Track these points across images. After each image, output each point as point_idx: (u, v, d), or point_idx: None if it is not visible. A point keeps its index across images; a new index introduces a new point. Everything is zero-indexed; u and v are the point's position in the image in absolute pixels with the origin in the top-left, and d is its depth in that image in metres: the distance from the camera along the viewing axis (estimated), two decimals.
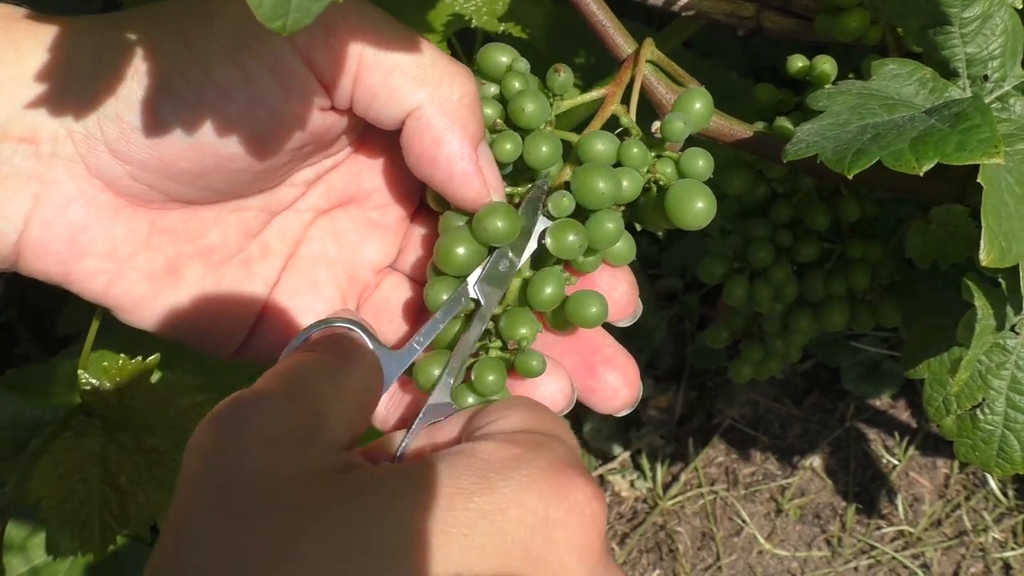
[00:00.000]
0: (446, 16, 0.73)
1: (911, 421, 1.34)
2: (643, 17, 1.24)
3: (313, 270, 0.45)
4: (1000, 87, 0.46)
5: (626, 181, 0.41)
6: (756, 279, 0.60)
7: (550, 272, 0.41)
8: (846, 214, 0.58)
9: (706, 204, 0.41)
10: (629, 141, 0.42)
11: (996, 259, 0.38)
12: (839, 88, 0.45)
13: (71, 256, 0.39)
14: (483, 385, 0.40)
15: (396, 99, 0.38)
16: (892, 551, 1.25)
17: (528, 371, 0.40)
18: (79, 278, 0.40)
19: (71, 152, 0.37)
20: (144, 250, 0.40)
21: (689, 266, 1.39)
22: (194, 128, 0.37)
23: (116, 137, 0.37)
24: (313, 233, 0.45)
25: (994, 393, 0.52)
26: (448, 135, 0.39)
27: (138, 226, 0.40)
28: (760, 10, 0.57)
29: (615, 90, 0.45)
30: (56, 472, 0.63)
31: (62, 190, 0.38)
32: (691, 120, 0.43)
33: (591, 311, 0.40)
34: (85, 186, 0.38)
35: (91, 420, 0.65)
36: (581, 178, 0.41)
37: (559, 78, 0.43)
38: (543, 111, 0.42)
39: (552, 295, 0.40)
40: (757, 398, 1.38)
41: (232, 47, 0.36)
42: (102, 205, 0.39)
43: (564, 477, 0.32)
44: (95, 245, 0.39)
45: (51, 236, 0.38)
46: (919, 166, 0.38)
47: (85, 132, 0.37)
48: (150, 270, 0.41)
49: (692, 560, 1.28)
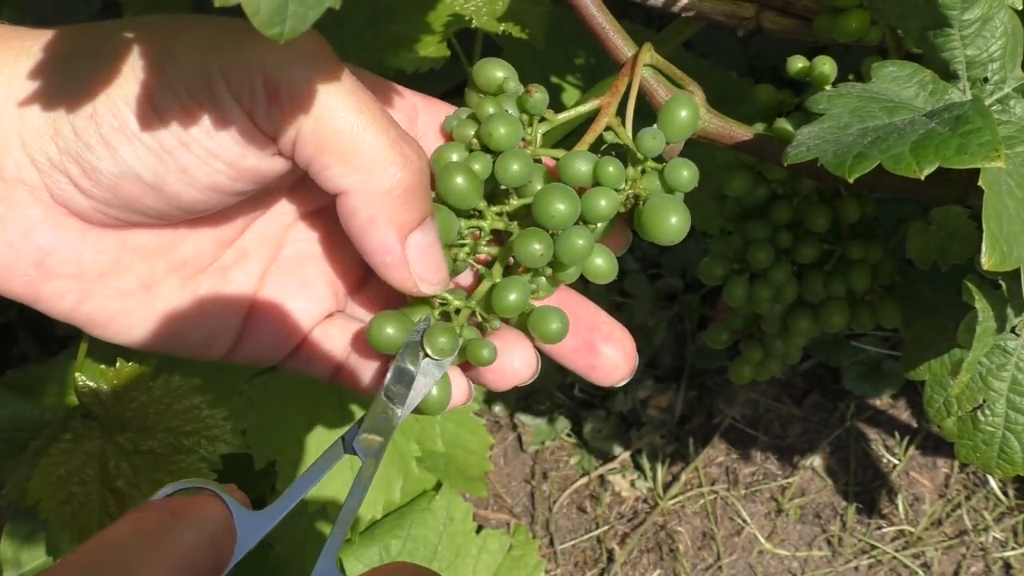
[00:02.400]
0: (446, 16, 0.73)
1: (911, 421, 1.34)
2: (643, 18, 1.24)
3: (301, 270, 0.45)
4: (1000, 89, 0.46)
5: (603, 200, 0.41)
6: (756, 280, 0.60)
7: (515, 280, 0.42)
8: (846, 215, 0.57)
9: (679, 219, 0.41)
10: (604, 160, 0.42)
11: (997, 263, 0.38)
12: (839, 90, 0.44)
13: (38, 278, 0.39)
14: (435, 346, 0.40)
15: (325, 177, 0.38)
16: (892, 551, 1.25)
17: (479, 360, 0.41)
18: (47, 298, 0.39)
19: (36, 180, 0.37)
20: (114, 270, 0.40)
21: (689, 266, 1.39)
22: (154, 174, 0.37)
23: (78, 175, 0.37)
24: (296, 235, 0.45)
25: (995, 395, 0.52)
26: (375, 226, 0.39)
27: (107, 246, 0.39)
28: (760, 11, 0.57)
29: (611, 100, 0.45)
30: (55, 474, 0.63)
31: (27, 213, 0.37)
32: (675, 129, 0.43)
33: (551, 327, 0.41)
34: (50, 211, 0.38)
35: (89, 422, 0.65)
36: (539, 200, 0.41)
37: (531, 99, 0.43)
38: (513, 134, 0.42)
39: (515, 302, 0.41)
40: (757, 398, 1.38)
41: (188, 98, 0.36)
42: (69, 228, 0.38)
43: None
44: (63, 267, 0.39)
45: (17, 258, 0.38)
46: (920, 170, 0.38)
47: (49, 163, 0.37)
48: (122, 288, 0.40)
49: (692, 560, 1.28)
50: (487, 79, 0.45)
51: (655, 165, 0.43)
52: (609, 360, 0.44)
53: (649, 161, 0.43)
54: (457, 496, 0.91)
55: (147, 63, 0.36)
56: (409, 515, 0.89)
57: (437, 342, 0.40)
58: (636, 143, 0.43)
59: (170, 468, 0.62)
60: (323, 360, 0.44)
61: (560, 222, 0.40)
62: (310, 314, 0.44)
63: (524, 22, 0.67)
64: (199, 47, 0.36)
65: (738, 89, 0.86)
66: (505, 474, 1.37)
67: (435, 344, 0.40)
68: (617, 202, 0.42)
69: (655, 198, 0.42)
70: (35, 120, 0.36)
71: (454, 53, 0.79)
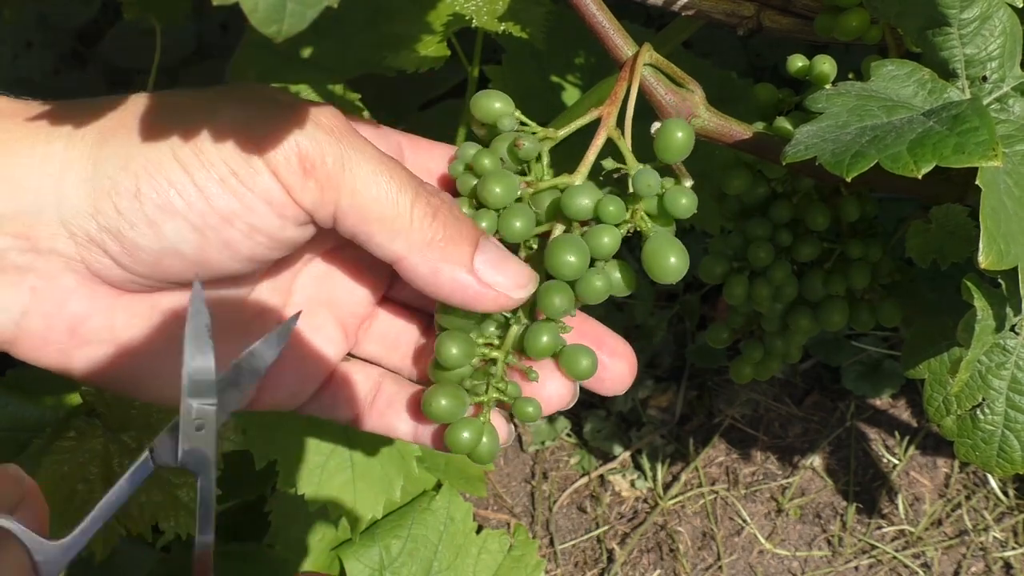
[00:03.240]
0: (446, 16, 0.73)
1: (911, 420, 1.34)
2: (643, 17, 1.25)
3: (313, 315, 0.46)
4: (999, 88, 0.46)
5: (606, 238, 0.43)
6: (756, 279, 0.60)
7: (544, 325, 0.44)
8: (846, 214, 0.58)
9: (678, 260, 0.43)
10: (604, 199, 0.43)
11: (995, 261, 0.38)
12: (838, 89, 0.45)
13: (72, 345, 0.39)
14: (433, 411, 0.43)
15: (375, 245, 0.39)
16: (893, 551, 1.25)
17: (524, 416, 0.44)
18: (80, 364, 0.40)
19: (72, 251, 0.37)
20: (145, 332, 0.41)
21: (689, 266, 1.39)
22: (197, 249, 0.38)
23: (118, 251, 0.37)
24: (302, 281, 0.46)
25: (994, 393, 0.52)
26: (441, 274, 0.40)
27: (138, 310, 0.40)
28: (760, 9, 0.57)
29: (611, 110, 0.45)
30: (58, 472, 0.63)
31: (61, 283, 0.38)
32: (672, 151, 0.44)
33: (582, 365, 0.44)
34: (84, 280, 0.38)
35: (92, 421, 0.65)
36: (551, 253, 0.42)
37: (520, 152, 0.44)
38: (509, 191, 0.43)
39: (548, 344, 0.43)
40: (757, 398, 1.38)
41: (229, 176, 0.37)
42: (102, 296, 0.39)
43: None
44: (97, 334, 0.39)
45: (51, 328, 0.38)
46: (917, 169, 0.38)
47: (87, 238, 0.37)
48: (150, 349, 0.41)
49: (693, 560, 1.28)
50: (485, 112, 0.46)
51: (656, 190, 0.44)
52: (616, 373, 0.46)
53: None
54: (457, 496, 0.91)
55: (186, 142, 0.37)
56: (409, 515, 0.89)
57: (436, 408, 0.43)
58: (634, 183, 0.43)
59: None
60: (348, 404, 0.46)
61: (573, 273, 0.42)
62: (327, 357, 0.46)
63: (524, 22, 0.67)
64: (235, 126, 0.37)
65: (738, 89, 0.86)
66: (505, 474, 1.37)
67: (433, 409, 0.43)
68: (619, 238, 0.43)
69: (654, 238, 0.43)
70: (74, 199, 0.37)
71: (454, 53, 0.79)
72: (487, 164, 0.44)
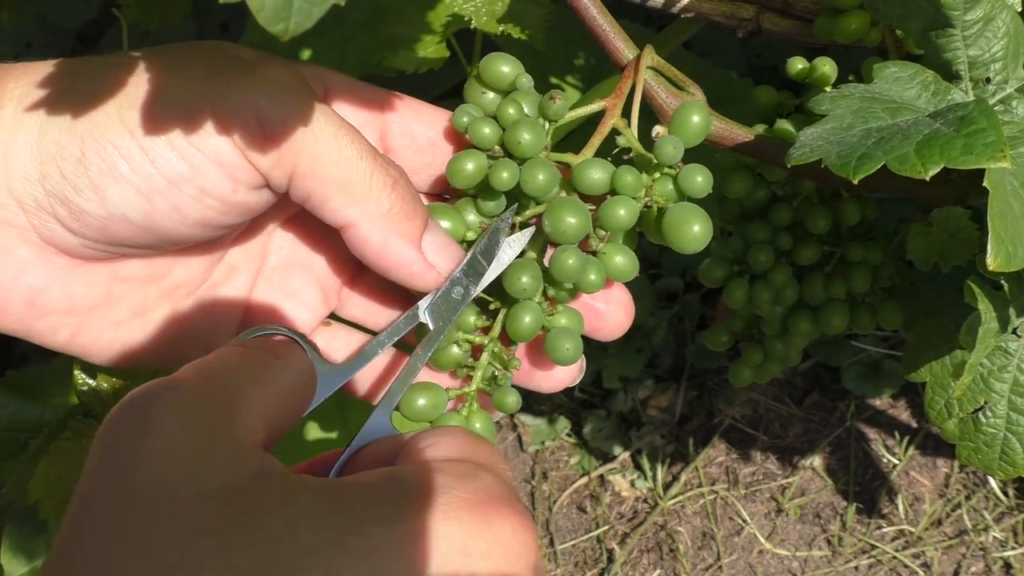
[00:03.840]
0: (445, 16, 0.73)
1: (911, 421, 1.34)
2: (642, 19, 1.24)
3: (287, 279, 0.45)
4: (1003, 89, 0.46)
5: (623, 210, 0.41)
6: (756, 282, 0.60)
7: (527, 305, 0.43)
8: (846, 217, 0.57)
9: (702, 228, 0.41)
10: (622, 169, 0.42)
11: (1003, 263, 0.38)
12: (841, 92, 0.44)
13: (31, 315, 0.39)
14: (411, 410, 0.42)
15: (327, 210, 0.39)
16: (893, 550, 1.25)
17: (504, 408, 0.43)
18: (41, 333, 0.40)
19: (23, 221, 0.37)
20: (106, 301, 0.40)
21: (689, 266, 1.39)
22: (144, 214, 0.37)
23: (66, 216, 0.37)
24: (277, 243, 0.45)
25: (996, 396, 0.52)
26: (390, 246, 0.39)
27: (97, 280, 0.40)
28: (760, 12, 0.57)
29: (615, 102, 0.45)
30: (55, 473, 0.63)
31: (16, 254, 0.37)
32: (687, 135, 0.43)
33: (565, 350, 0.42)
34: (39, 250, 0.38)
35: (89, 421, 0.65)
36: (552, 215, 0.41)
37: (554, 105, 0.43)
38: (539, 140, 0.42)
39: (530, 325, 0.42)
40: (757, 398, 1.38)
41: (178, 139, 0.36)
42: (58, 266, 0.38)
43: (489, 508, 0.31)
44: (54, 304, 0.39)
45: (8, 299, 0.38)
46: (925, 170, 0.38)
47: (35, 204, 0.36)
48: (115, 318, 0.40)
49: (693, 560, 1.28)
50: (494, 75, 0.44)
51: (669, 171, 0.43)
52: (612, 318, 0.46)
53: (664, 167, 0.43)
54: None
55: (135, 104, 0.36)
56: None
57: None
58: (655, 151, 0.42)
59: None
60: None
61: (572, 236, 0.41)
62: (303, 321, 0.45)
63: (524, 23, 0.67)
64: (190, 86, 0.36)
65: (738, 90, 0.86)
66: None
67: None
68: (637, 211, 0.42)
69: (675, 207, 0.42)
70: (21, 164, 0.36)
71: (453, 54, 0.79)
72: (512, 113, 0.43)
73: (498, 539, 0.31)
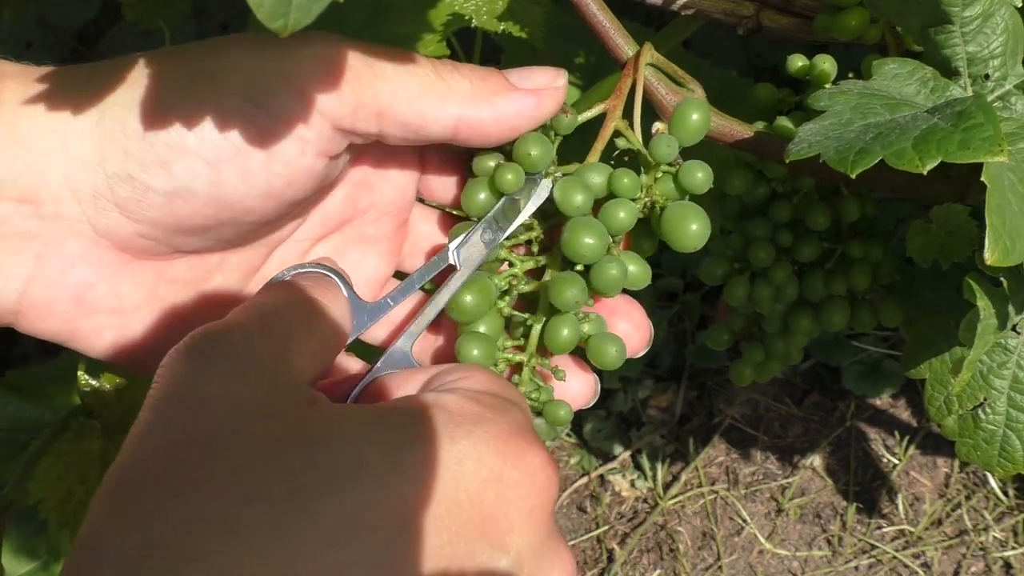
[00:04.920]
0: (446, 15, 0.73)
1: (911, 420, 1.34)
2: (642, 16, 1.24)
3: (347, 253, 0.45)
4: (1001, 86, 0.46)
5: (622, 212, 0.42)
6: (756, 279, 0.60)
7: (563, 318, 0.42)
8: (846, 214, 0.57)
9: (700, 226, 0.42)
10: (618, 172, 0.42)
11: (1000, 258, 0.38)
12: (840, 88, 0.44)
13: (78, 314, 0.39)
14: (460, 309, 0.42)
15: (431, 121, 0.39)
16: (893, 550, 1.25)
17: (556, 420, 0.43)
18: (85, 335, 0.39)
19: (76, 212, 0.37)
20: (150, 302, 0.40)
21: (689, 266, 1.39)
22: (212, 185, 0.37)
23: (128, 197, 0.36)
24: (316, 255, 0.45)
25: (996, 393, 0.52)
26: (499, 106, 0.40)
27: (144, 279, 0.40)
28: (760, 9, 0.57)
29: (616, 103, 0.45)
30: (55, 473, 0.63)
31: (66, 250, 0.37)
32: (687, 132, 0.43)
33: (610, 355, 0.42)
34: (90, 245, 0.38)
35: (90, 421, 0.65)
36: (568, 235, 0.41)
37: (565, 119, 0.43)
38: (547, 154, 0.42)
39: (568, 337, 0.42)
40: (757, 398, 1.38)
41: (246, 103, 0.36)
42: (108, 262, 0.38)
43: (522, 440, 0.33)
44: (102, 302, 0.39)
45: (56, 296, 0.38)
46: (922, 165, 0.38)
47: (92, 192, 0.36)
48: (154, 321, 0.40)
49: (693, 560, 1.28)
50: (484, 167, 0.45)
51: (669, 168, 0.43)
52: (632, 343, 0.45)
53: (663, 165, 0.43)
54: None
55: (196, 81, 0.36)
56: None
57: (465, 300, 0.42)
58: (650, 151, 0.43)
59: None
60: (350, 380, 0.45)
61: (591, 256, 0.41)
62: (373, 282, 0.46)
63: (524, 21, 0.67)
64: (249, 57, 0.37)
65: (738, 87, 0.86)
66: None
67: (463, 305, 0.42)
68: (636, 213, 0.42)
69: (674, 206, 0.42)
70: (79, 149, 0.36)
71: (453, 52, 0.79)
72: None
73: (527, 470, 0.32)
